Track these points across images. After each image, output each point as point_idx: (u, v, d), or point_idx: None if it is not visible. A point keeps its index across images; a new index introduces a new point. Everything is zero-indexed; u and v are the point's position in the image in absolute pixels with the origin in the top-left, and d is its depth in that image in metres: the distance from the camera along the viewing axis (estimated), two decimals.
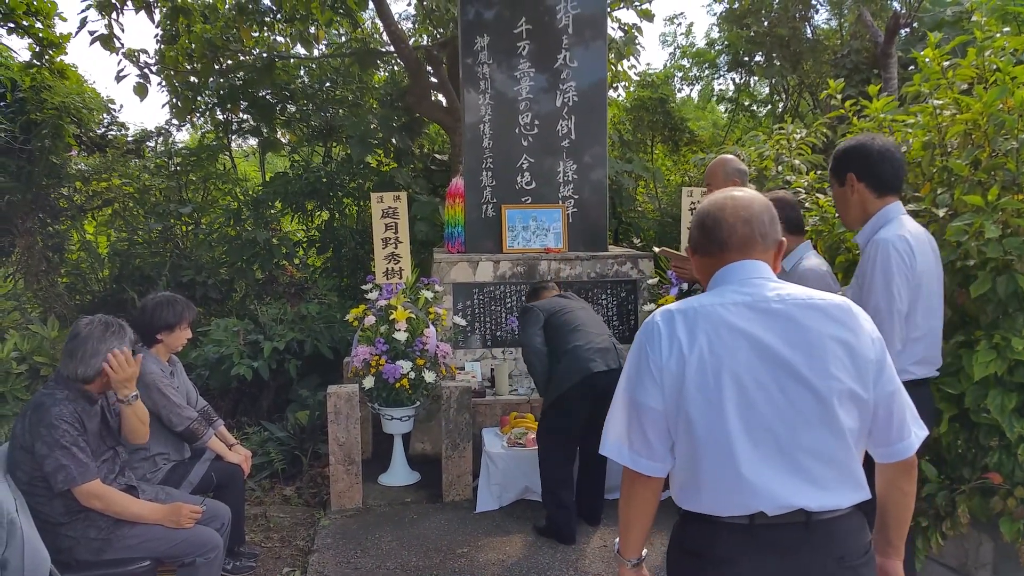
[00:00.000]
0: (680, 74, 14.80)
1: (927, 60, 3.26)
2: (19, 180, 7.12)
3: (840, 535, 1.54)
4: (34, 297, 7.15)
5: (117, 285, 7.71)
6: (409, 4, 9.65)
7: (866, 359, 1.56)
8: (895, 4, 8.59)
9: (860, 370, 1.55)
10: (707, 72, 12.13)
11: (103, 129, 8.43)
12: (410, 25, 9.11)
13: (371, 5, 7.33)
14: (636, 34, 6.98)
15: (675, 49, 16.55)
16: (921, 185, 3.37)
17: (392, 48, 7.46)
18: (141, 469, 3.40)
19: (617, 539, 1.78)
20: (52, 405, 2.76)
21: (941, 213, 3.00)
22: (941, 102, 3.17)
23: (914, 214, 3.24)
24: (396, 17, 8.84)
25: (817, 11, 9.11)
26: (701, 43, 14.43)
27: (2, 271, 5.83)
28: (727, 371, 1.53)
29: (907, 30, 6.63)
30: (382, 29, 8.23)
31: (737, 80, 10.75)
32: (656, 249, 5.11)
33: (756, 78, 10.58)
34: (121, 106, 16.68)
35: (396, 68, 8.55)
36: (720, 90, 13.14)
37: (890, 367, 1.60)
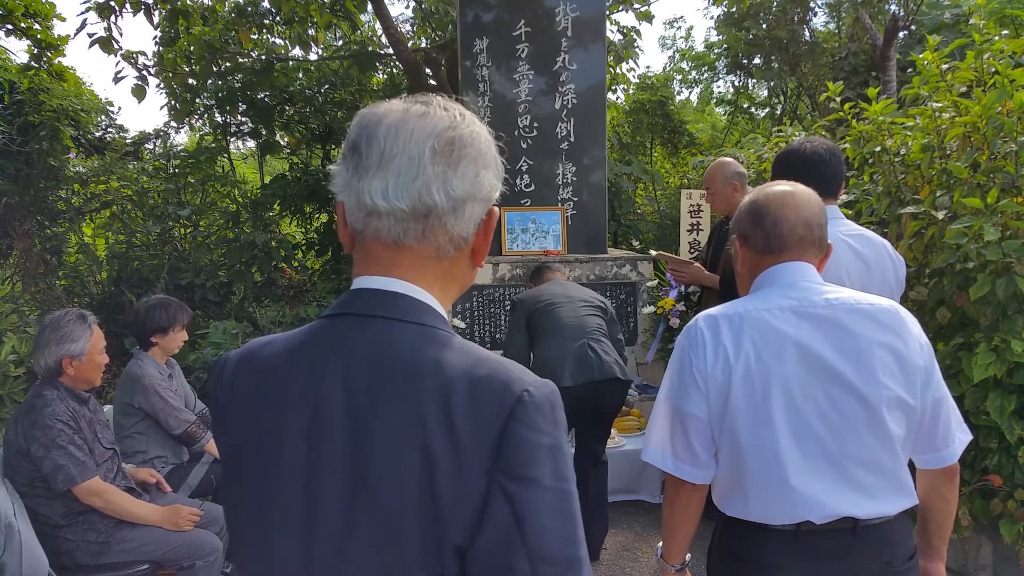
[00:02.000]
0: (679, 77, 14.83)
1: (926, 63, 3.27)
2: (17, 182, 7.11)
3: (887, 540, 1.54)
4: (32, 299, 7.13)
5: (115, 287, 7.70)
6: (408, 7, 9.65)
7: (915, 366, 1.53)
8: (893, 7, 8.62)
9: (908, 377, 1.52)
10: (706, 75, 12.15)
11: (101, 131, 8.43)
12: (409, 28, 9.11)
13: (369, 7, 7.33)
14: (635, 37, 7.00)
15: (675, 52, 16.57)
16: (920, 188, 3.37)
17: (391, 50, 7.46)
18: None
19: (660, 543, 1.77)
20: (44, 406, 2.76)
21: (940, 215, 3.00)
22: (940, 105, 3.18)
23: (913, 217, 3.25)
24: (396, 19, 8.84)
25: (816, 14, 9.14)
26: (700, 47, 14.46)
27: (0, 273, 5.82)
28: (775, 380, 1.50)
29: (905, 33, 6.64)
30: (380, 32, 8.24)
31: (736, 83, 10.77)
32: (653, 253, 5.11)
33: (755, 81, 10.60)
34: (119, 108, 16.67)
35: (395, 71, 8.55)
36: (719, 93, 13.17)
37: (938, 373, 1.59)
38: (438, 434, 0.84)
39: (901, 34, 6.15)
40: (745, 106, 10.92)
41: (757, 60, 9.50)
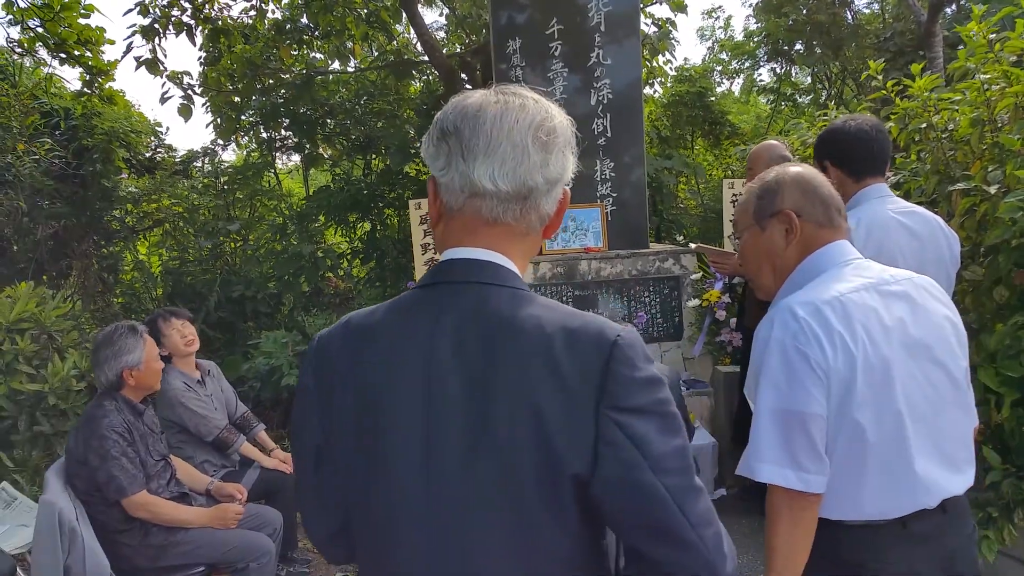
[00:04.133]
0: (719, 68, 14.63)
1: (972, 34, 3.15)
2: (73, 204, 7.37)
3: (965, 513, 1.53)
4: (92, 317, 7.38)
5: (170, 303, 7.92)
6: (441, 14, 9.73)
7: (964, 336, 1.54)
8: None
9: (964, 347, 1.53)
10: (747, 65, 11.97)
11: (151, 152, 8.68)
12: (443, 34, 9.17)
13: (404, 17, 7.41)
14: (670, 28, 6.94)
15: (713, 43, 16.36)
16: (971, 164, 3.26)
17: (426, 57, 7.53)
18: None
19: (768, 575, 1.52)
20: (102, 417, 2.85)
21: (992, 190, 2.89)
22: (989, 76, 3.06)
23: (964, 194, 3.14)
24: (430, 26, 8.91)
25: None
26: (740, 36, 14.25)
27: (61, 293, 6.03)
28: (892, 364, 1.43)
29: (952, 8, 6.44)
30: (415, 40, 8.31)
31: (777, 70, 10.58)
32: (692, 246, 5.04)
33: (798, 68, 10.40)
34: (168, 128, 17.17)
35: (431, 77, 8.62)
36: (761, 83, 12.95)
37: None
38: (546, 379, 0.95)
39: (949, 9, 5.99)
40: (788, 93, 10.72)
41: (799, 46, 9.32)
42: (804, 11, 8.59)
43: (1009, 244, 2.84)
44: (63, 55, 7.17)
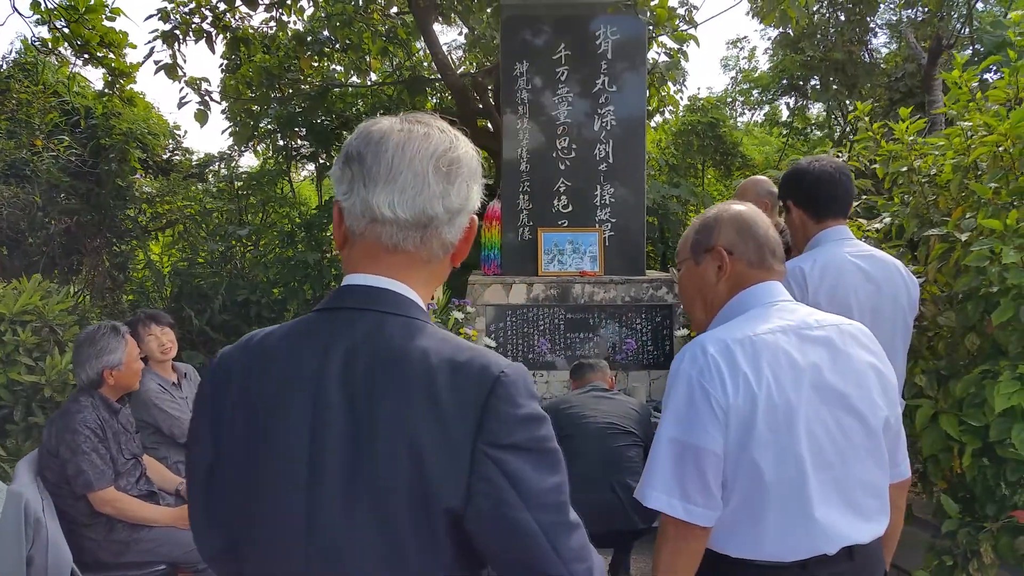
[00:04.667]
0: (742, 99, 14.67)
1: (955, 82, 3.18)
2: (88, 202, 7.54)
3: (874, 560, 1.54)
4: (100, 313, 7.52)
5: (176, 303, 8.05)
6: (460, 33, 9.87)
7: (891, 384, 1.54)
8: (958, 24, 8.36)
9: (889, 396, 1.53)
10: (763, 96, 12.01)
11: (168, 154, 8.86)
12: (461, 53, 9.31)
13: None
14: (680, 58, 6.99)
15: (737, 73, 16.39)
16: (953, 209, 3.27)
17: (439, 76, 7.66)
18: None
19: None
20: (77, 412, 2.92)
21: (964, 237, 2.90)
22: (969, 124, 3.09)
23: (940, 239, 3.15)
24: (448, 45, 9.02)
25: (876, 35, 8.94)
26: (765, 67, 14.27)
27: (65, 288, 6.17)
28: (796, 408, 1.43)
29: (953, 51, 6.43)
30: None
31: (791, 104, 10.59)
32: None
33: (815, 103, 10.42)
34: (185, 132, 17.45)
35: (445, 96, 8.75)
36: (776, 117, 12.97)
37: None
38: (426, 412, 0.97)
39: (952, 52, 5.98)
40: (802, 128, 10.75)
41: (814, 81, 9.34)
42: (821, 48, 8.63)
43: (977, 292, 2.85)
44: (86, 55, 7.36)
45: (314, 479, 1.00)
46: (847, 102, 9.02)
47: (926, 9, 7.61)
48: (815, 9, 8.55)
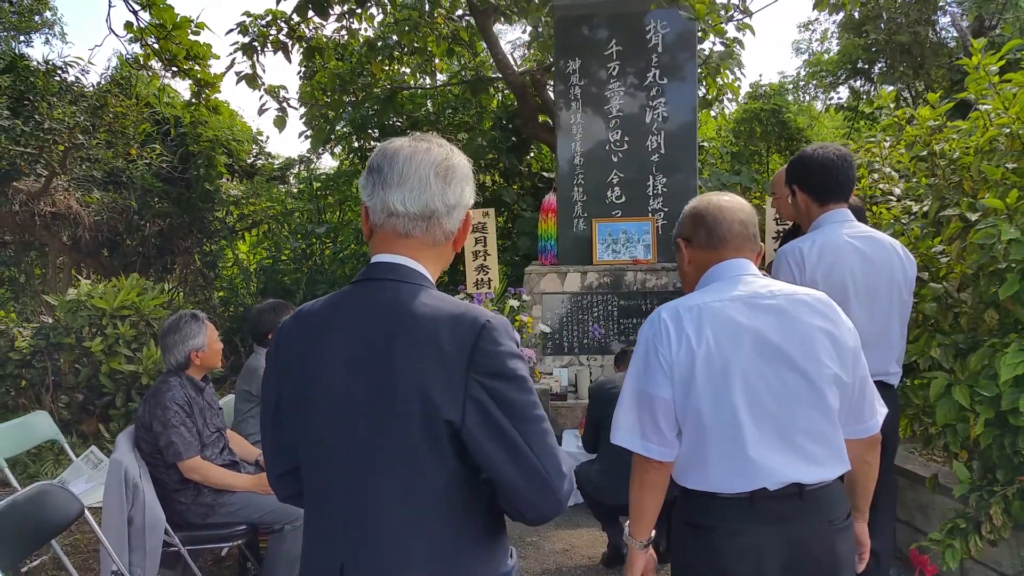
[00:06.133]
0: (815, 82, 14.35)
1: (975, 66, 3.23)
2: (179, 205, 8.15)
3: (828, 502, 1.71)
4: (193, 308, 8.11)
5: (261, 298, 8.60)
6: (524, 31, 10.08)
7: (847, 347, 1.73)
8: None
9: (842, 357, 1.72)
10: (828, 80, 11.76)
11: (252, 158, 9.43)
12: (524, 51, 9.53)
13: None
14: (736, 47, 7.03)
15: (809, 55, 16.02)
16: (978, 191, 3.32)
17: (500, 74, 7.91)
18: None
19: (627, 523, 1.89)
20: (167, 391, 3.31)
21: (974, 218, 2.97)
22: (988, 108, 3.14)
23: (959, 219, 3.22)
24: (512, 43, 9.23)
25: (944, 13, 8.64)
26: (836, 50, 13.92)
27: (160, 285, 6.73)
28: (733, 363, 1.68)
29: (1000, 29, 6.24)
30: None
31: (856, 87, 10.34)
32: None
33: (882, 85, 10.16)
34: (267, 137, 18.22)
35: (507, 93, 9.00)
36: (838, 100, 12.67)
37: (862, 354, 1.77)
38: (431, 353, 1.29)
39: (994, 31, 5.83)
40: (868, 112, 10.48)
41: (880, 64, 9.13)
42: (886, 30, 8.43)
43: (988, 268, 2.92)
44: (174, 68, 7.95)
45: (348, 412, 1.34)
46: (915, 83, 8.80)
47: None
48: None
